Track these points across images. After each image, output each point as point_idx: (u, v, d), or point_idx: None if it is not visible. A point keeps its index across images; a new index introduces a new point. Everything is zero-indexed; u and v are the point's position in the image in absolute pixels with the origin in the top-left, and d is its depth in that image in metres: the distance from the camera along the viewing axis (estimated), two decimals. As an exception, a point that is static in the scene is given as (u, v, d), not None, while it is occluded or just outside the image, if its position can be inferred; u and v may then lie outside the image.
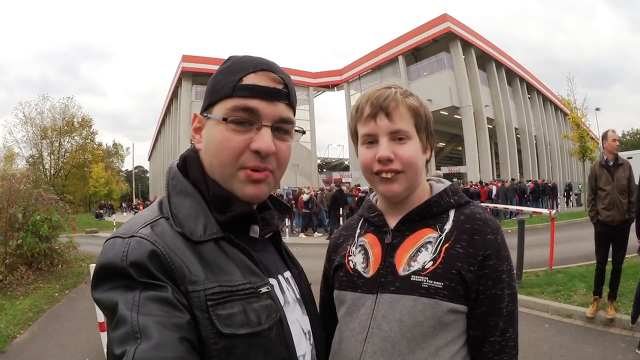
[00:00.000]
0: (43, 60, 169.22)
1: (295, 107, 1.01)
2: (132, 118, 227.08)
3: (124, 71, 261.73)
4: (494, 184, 21.97)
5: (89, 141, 50.54)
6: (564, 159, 50.23)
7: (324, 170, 57.81)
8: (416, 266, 1.07)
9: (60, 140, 47.32)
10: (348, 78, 45.82)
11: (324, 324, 1.25)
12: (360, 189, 17.86)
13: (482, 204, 14.94)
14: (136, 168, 56.32)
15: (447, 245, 1.08)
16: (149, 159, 78.10)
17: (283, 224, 18.21)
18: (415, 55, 39.61)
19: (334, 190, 17.23)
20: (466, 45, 35.93)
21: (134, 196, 48.95)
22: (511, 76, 41.76)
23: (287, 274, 1.07)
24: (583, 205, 22.21)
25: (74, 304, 7.48)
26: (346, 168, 50.67)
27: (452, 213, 1.14)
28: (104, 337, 4.26)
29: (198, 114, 1.00)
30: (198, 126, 1.01)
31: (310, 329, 1.04)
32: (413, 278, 1.06)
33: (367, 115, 1.12)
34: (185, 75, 41.69)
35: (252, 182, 0.93)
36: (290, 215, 15.93)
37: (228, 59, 0.99)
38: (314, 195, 17.57)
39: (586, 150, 20.66)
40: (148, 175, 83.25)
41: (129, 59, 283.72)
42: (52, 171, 47.17)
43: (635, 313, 4.79)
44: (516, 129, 39.76)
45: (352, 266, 1.19)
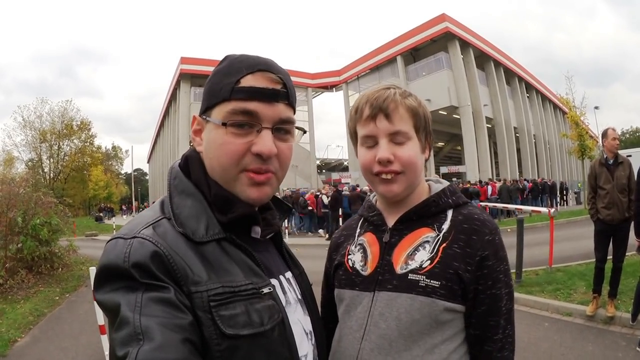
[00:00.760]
0: (41, 62, 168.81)
1: (295, 106, 1.00)
2: (131, 120, 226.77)
3: (122, 73, 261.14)
4: (492, 183, 21.97)
5: (88, 144, 50.62)
6: (563, 158, 50.16)
7: (323, 171, 57.70)
8: (413, 265, 1.08)
9: (59, 143, 47.33)
10: (347, 79, 45.71)
11: (326, 324, 1.25)
12: (360, 190, 17.86)
13: (482, 204, 14.96)
14: (135, 170, 56.51)
15: (445, 244, 1.09)
16: (148, 162, 77.80)
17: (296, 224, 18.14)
18: (413, 55, 39.56)
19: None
20: (465, 45, 35.92)
21: (134, 199, 48.89)
22: (510, 75, 41.72)
23: (289, 275, 1.07)
24: (583, 203, 22.21)
25: (75, 307, 7.49)
26: (345, 169, 50.53)
27: (450, 213, 1.15)
28: (105, 340, 4.26)
29: (197, 116, 0.99)
30: (198, 128, 1.00)
31: (311, 329, 1.04)
32: (410, 276, 1.07)
33: (367, 116, 1.12)
34: (183, 77, 41.59)
35: (255, 185, 0.93)
36: (303, 215, 15.84)
37: (224, 59, 0.98)
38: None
39: (585, 148, 20.67)
40: (147, 177, 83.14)
41: (127, 61, 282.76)
42: (52, 175, 47.15)
43: (635, 311, 4.79)
44: (515, 128, 39.72)
45: (351, 264, 1.20)
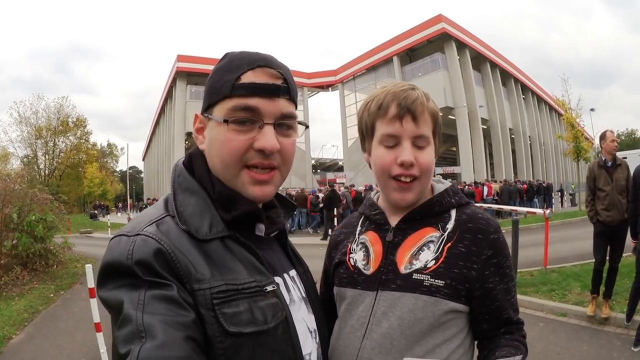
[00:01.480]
0: (36, 58, 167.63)
1: (296, 101, 0.99)
2: (126, 118, 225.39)
3: (117, 70, 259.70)
4: (489, 184, 22.06)
5: (84, 141, 50.39)
6: (558, 159, 50.41)
7: (318, 170, 57.74)
8: (418, 265, 1.08)
9: (54, 140, 47.12)
10: (342, 78, 45.72)
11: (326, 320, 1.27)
12: (355, 190, 17.90)
13: (477, 204, 15.01)
14: (130, 168, 56.08)
15: (450, 244, 1.09)
16: (143, 159, 77.58)
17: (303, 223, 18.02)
18: (409, 55, 39.64)
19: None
20: (461, 46, 36.02)
21: (128, 197, 48.68)
22: (506, 77, 41.86)
23: (293, 273, 1.07)
24: (578, 205, 22.32)
25: (69, 305, 7.46)
26: (340, 168, 50.55)
27: (454, 213, 1.16)
28: (100, 338, 4.25)
29: (199, 114, 0.99)
30: (200, 126, 0.99)
31: (315, 327, 1.04)
32: (415, 276, 1.07)
33: (393, 115, 1.10)
34: (180, 75, 41.45)
35: (258, 183, 0.93)
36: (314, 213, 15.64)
37: (224, 56, 0.97)
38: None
39: (580, 150, 20.82)
40: (142, 175, 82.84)
41: (122, 58, 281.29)
42: (47, 171, 46.96)
43: (630, 311, 4.82)
44: (510, 130, 39.86)
45: (353, 263, 1.20)
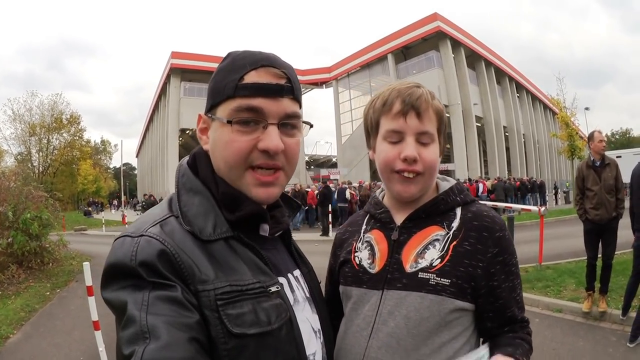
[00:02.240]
0: (28, 55, 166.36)
1: (300, 100, 0.98)
2: (118, 114, 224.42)
3: (110, 67, 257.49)
4: (482, 182, 22.18)
5: (78, 138, 49.89)
6: (552, 158, 50.71)
7: (312, 167, 57.71)
8: (424, 263, 1.08)
9: (48, 137, 46.64)
10: (337, 76, 45.71)
11: (330, 320, 1.27)
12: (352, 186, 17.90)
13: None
14: (124, 165, 55.76)
15: (455, 242, 1.09)
16: (137, 156, 77.19)
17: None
18: (404, 53, 39.67)
19: (323, 187, 17.15)
20: (456, 44, 36.10)
21: (122, 193, 48.49)
22: (500, 75, 42.03)
23: (297, 273, 1.07)
24: (572, 202, 22.45)
25: (66, 303, 7.44)
26: (334, 165, 50.55)
27: (459, 211, 1.16)
28: (99, 336, 4.24)
29: (203, 115, 0.98)
30: (204, 127, 0.99)
31: (320, 328, 1.04)
32: (421, 275, 1.07)
33: (398, 111, 1.11)
34: (174, 71, 41.26)
35: (262, 185, 0.92)
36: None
37: (227, 56, 0.96)
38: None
39: (575, 149, 20.94)
40: (136, 172, 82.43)
41: (115, 55, 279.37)
42: (41, 168, 46.51)
43: (626, 305, 4.90)
44: (505, 128, 40.06)
45: (358, 262, 1.20)
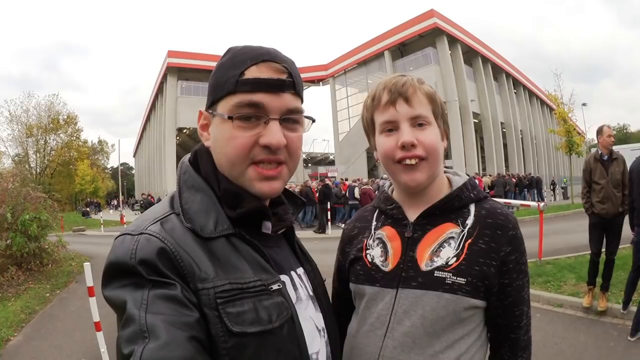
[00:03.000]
0: (23, 55, 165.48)
1: (302, 95, 0.97)
2: (114, 114, 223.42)
3: (104, 67, 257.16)
4: (478, 178, 22.22)
5: (75, 138, 49.75)
6: (550, 153, 50.74)
7: (309, 165, 57.74)
8: (439, 262, 1.07)
9: (46, 138, 46.50)
10: (333, 73, 45.57)
11: (338, 316, 1.24)
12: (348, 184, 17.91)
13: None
14: (121, 165, 55.44)
15: (470, 241, 1.08)
16: (134, 156, 77.05)
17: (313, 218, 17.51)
18: (401, 50, 39.58)
19: (321, 185, 17.15)
20: (452, 40, 36.05)
21: (120, 193, 48.37)
22: (497, 71, 42.01)
23: (300, 270, 1.05)
24: (570, 198, 22.51)
25: (66, 304, 7.43)
26: (331, 162, 50.52)
27: (473, 208, 1.14)
28: (100, 337, 4.23)
29: (203, 111, 0.97)
30: (205, 123, 0.98)
31: (324, 326, 1.03)
32: (437, 274, 1.06)
33: (386, 102, 1.11)
34: (170, 70, 41.12)
35: (265, 180, 0.92)
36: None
37: (228, 51, 0.95)
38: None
39: (573, 144, 21.00)
40: (133, 172, 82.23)
41: (109, 54, 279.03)
42: (38, 169, 46.37)
43: (627, 299, 4.92)
44: (502, 124, 40.04)
45: (370, 259, 1.18)
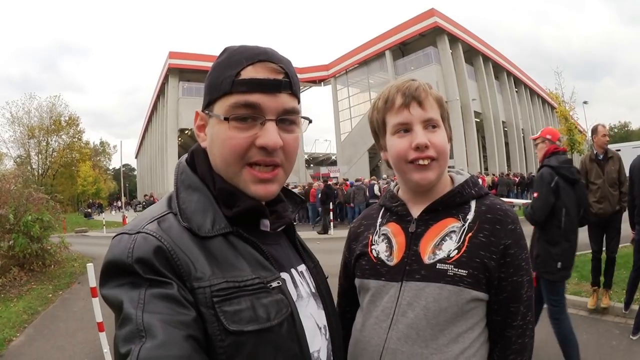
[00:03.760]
0: (23, 56, 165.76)
1: (299, 95, 0.97)
2: (115, 115, 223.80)
3: (105, 68, 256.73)
4: (481, 177, 22.23)
5: (77, 140, 49.74)
6: (551, 152, 50.61)
7: (311, 165, 57.79)
8: (441, 255, 1.10)
9: (47, 139, 46.47)
10: (335, 73, 45.66)
11: (343, 313, 1.25)
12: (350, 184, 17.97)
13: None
14: (123, 166, 55.69)
15: (471, 234, 1.11)
16: (136, 157, 77.17)
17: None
18: (402, 50, 39.66)
19: (324, 185, 17.15)
20: (453, 39, 36.10)
21: (122, 194, 48.44)
22: (498, 70, 42.03)
23: (302, 268, 1.05)
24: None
25: (69, 305, 7.44)
26: (333, 163, 50.58)
27: (474, 204, 1.18)
28: (103, 337, 4.24)
29: (200, 112, 0.97)
30: (201, 124, 0.98)
31: (326, 324, 1.02)
32: (439, 266, 1.09)
33: (400, 105, 1.15)
34: (172, 71, 41.29)
35: (260, 182, 0.91)
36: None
37: (224, 51, 0.94)
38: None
39: (574, 143, 20.98)
40: (135, 173, 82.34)
41: (110, 55, 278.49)
42: (40, 171, 46.35)
43: (628, 300, 4.92)
44: (503, 122, 40.08)
45: (376, 255, 1.21)
